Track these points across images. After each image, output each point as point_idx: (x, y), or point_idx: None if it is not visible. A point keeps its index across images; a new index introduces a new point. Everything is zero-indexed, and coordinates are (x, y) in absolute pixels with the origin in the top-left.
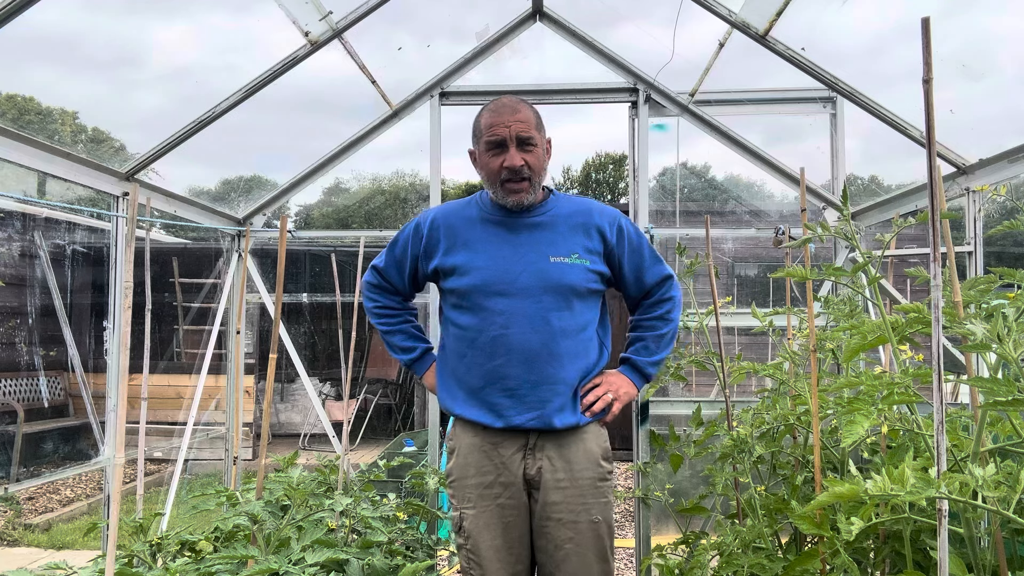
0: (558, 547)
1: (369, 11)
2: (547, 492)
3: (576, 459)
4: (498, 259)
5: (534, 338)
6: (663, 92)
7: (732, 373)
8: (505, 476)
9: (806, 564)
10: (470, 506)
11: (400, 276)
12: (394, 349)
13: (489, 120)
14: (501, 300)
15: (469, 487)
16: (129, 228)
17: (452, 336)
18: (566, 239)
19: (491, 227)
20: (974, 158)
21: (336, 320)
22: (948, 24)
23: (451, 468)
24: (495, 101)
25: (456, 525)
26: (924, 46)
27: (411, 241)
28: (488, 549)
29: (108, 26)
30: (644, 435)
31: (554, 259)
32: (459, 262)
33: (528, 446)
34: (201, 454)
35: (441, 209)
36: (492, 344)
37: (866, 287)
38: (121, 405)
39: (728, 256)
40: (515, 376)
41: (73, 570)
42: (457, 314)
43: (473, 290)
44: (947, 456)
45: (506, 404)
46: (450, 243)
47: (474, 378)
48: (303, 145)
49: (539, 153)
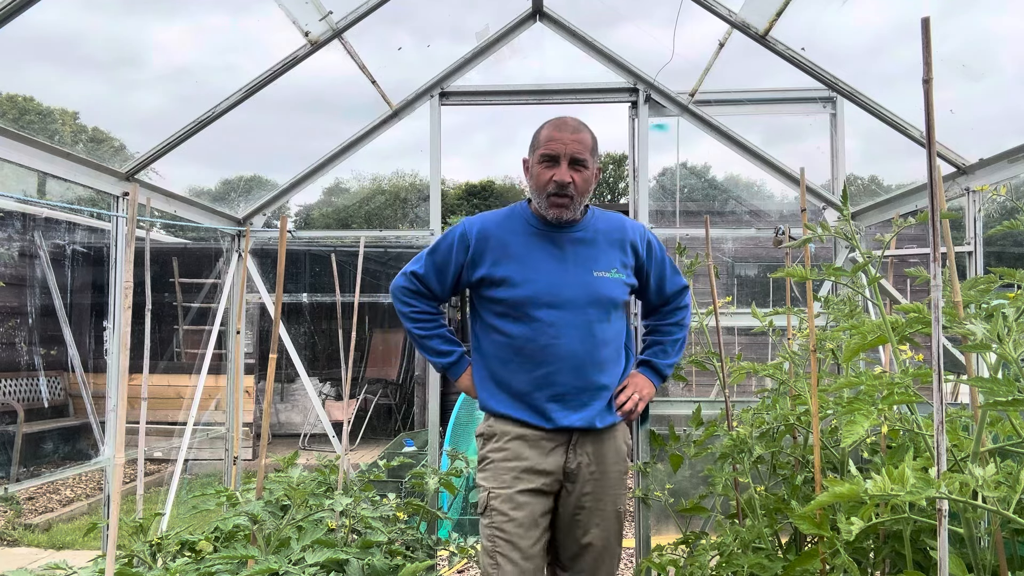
0: (586, 532)
1: (369, 11)
2: (583, 484)
3: (609, 455)
4: (548, 273)
5: (581, 348)
6: (663, 92)
7: (732, 373)
8: (546, 465)
9: (806, 564)
10: (503, 487)
11: (440, 282)
12: (430, 353)
13: (549, 134)
14: (551, 312)
15: (506, 469)
16: (129, 228)
17: (493, 343)
18: (606, 255)
19: (538, 241)
20: (974, 158)
21: (336, 320)
22: (948, 24)
23: (487, 452)
24: (558, 117)
25: (483, 506)
26: (924, 46)
27: (456, 248)
28: (518, 526)
29: (107, 26)
30: (644, 435)
31: (597, 273)
32: (509, 274)
33: (571, 443)
34: (201, 454)
35: (485, 219)
36: (542, 352)
37: (866, 287)
38: (121, 405)
39: (728, 256)
40: (564, 383)
41: (73, 570)
42: (503, 322)
43: (524, 301)
44: (947, 456)
45: (554, 408)
46: (498, 254)
47: (520, 383)
48: (303, 145)
49: (588, 176)
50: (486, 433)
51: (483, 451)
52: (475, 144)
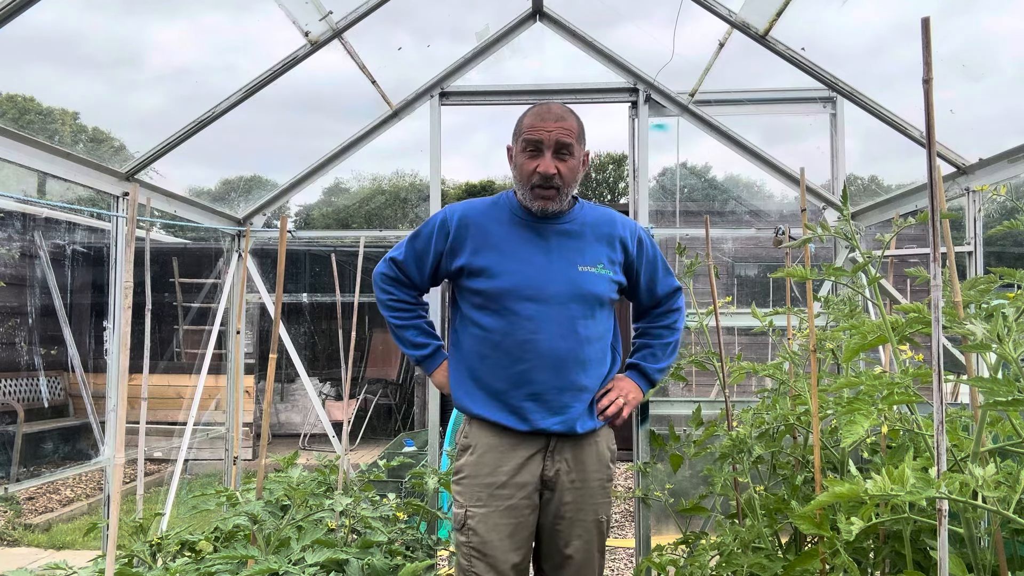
0: (567, 543)
1: (369, 11)
2: (562, 493)
3: (589, 462)
4: (529, 264)
5: (562, 345)
6: (663, 92)
7: (732, 373)
8: (521, 476)
9: (806, 564)
10: (479, 504)
11: (419, 270)
12: (405, 344)
13: (531, 121)
14: (531, 305)
15: (480, 486)
16: (129, 228)
17: (471, 336)
18: (593, 249)
19: (521, 231)
20: (974, 158)
21: (336, 320)
22: (948, 24)
23: (462, 465)
24: (543, 104)
25: (459, 522)
26: (924, 46)
27: (436, 236)
28: (495, 548)
29: (107, 26)
30: (644, 435)
31: (582, 268)
32: (488, 264)
33: (548, 449)
34: (201, 454)
35: (468, 206)
36: (520, 348)
37: (866, 287)
38: (121, 405)
39: (728, 256)
40: (542, 381)
41: (73, 570)
42: (480, 315)
43: (503, 293)
44: (947, 456)
45: (530, 408)
46: (479, 243)
47: (496, 380)
48: (303, 145)
49: (574, 164)
50: (462, 444)
51: (459, 462)
52: (475, 144)
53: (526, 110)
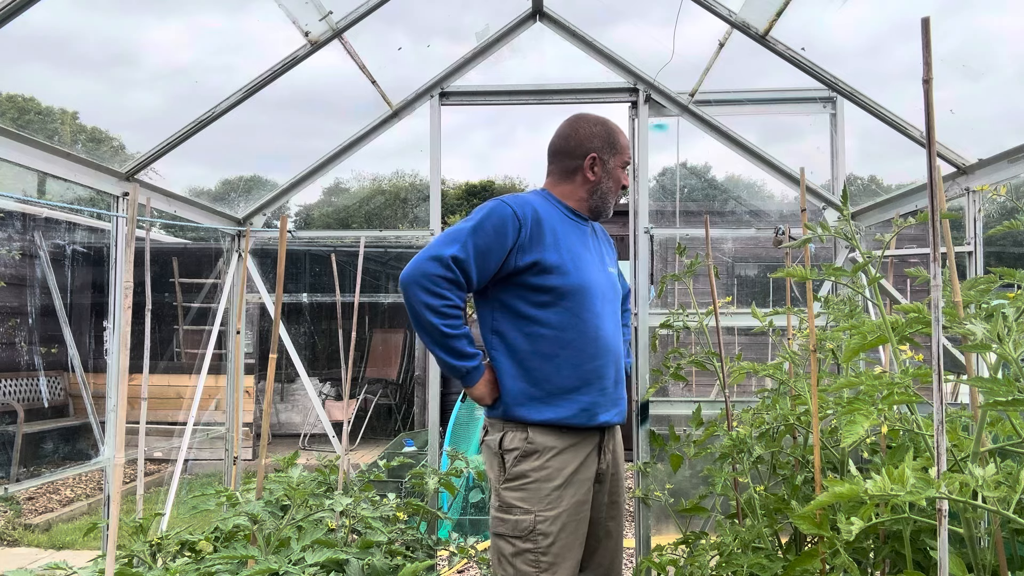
0: (608, 531)
1: (369, 11)
2: (607, 483)
3: (619, 450)
4: (588, 262)
5: (617, 339)
6: (663, 92)
7: (732, 373)
8: (585, 472)
9: (806, 564)
10: (548, 508)
11: (482, 269)
12: (451, 354)
13: (625, 143)
14: (597, 302)
15: (551, 488)
16: (129, 228)
17: (529, 336)
18: (609, 252)
19: (572, 230)
20: (974, 158)
21: (336, 320)
22: (947, 23)
23: (527, 471)
24: (617, 124)
25: (524, 529)
26: (924, 46)
27: (509, 229)
28: (564, 548)
29: (102, 25)
30: (644, 435)
31: (610, 268)
32: (561, 260)
33: (602, 443)
34: (201, 454)
35: (532, 201)
36: (593, 344)
37: (866, 287)
38: (121, 405)
39: (728, 256)
40: (610, 376)
41: (73, 570)
42: (546, 313)
43: (575, 290)
44: (947, 456)
45: (600, 403)
46: (551, 239)
47: (567, 379)
48: (303, 145)
49: None
50: (523, 449)
51: (520, 467)
52: (475, 144)
53: (611, 126)
